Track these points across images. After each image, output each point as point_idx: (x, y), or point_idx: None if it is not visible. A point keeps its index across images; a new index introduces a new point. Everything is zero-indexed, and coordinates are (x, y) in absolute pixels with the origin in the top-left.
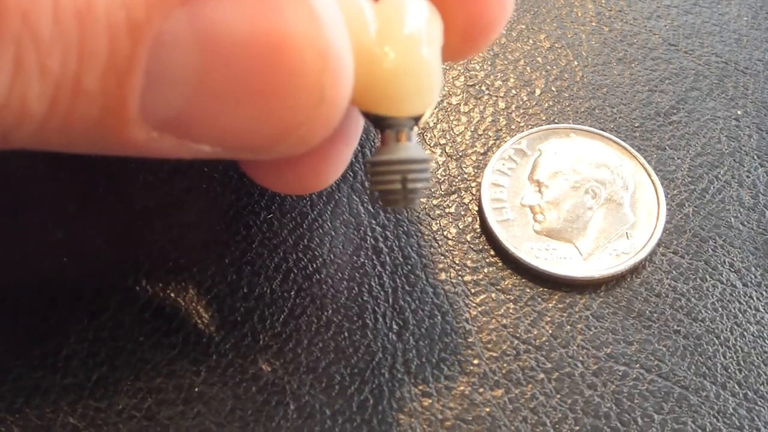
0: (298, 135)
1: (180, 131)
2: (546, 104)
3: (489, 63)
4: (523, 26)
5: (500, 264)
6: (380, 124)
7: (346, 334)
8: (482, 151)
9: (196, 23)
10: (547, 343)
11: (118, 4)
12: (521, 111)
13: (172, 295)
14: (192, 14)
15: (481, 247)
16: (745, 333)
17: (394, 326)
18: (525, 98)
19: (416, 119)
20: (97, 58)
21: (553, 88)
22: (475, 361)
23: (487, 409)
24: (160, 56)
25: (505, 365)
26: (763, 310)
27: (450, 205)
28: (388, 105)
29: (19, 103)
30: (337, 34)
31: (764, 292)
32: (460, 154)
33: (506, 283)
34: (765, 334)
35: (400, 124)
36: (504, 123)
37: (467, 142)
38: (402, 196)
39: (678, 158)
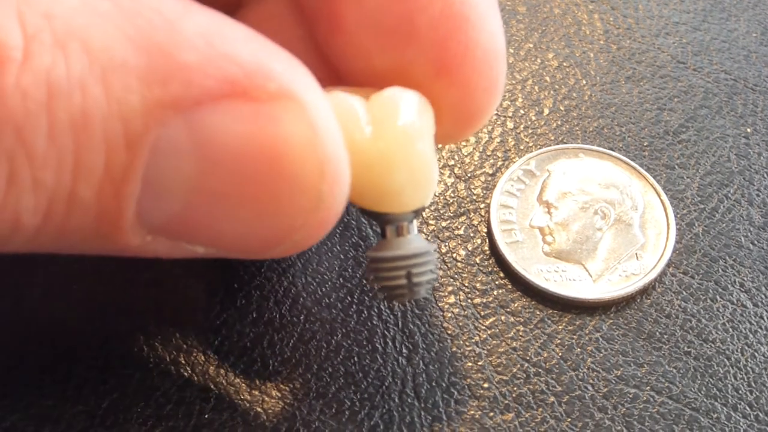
0: (294, 239)
1: (175, 234)
2: (554, 124)
3: None
4: (531, 45)
5: (510, 286)
6: (380, 219)
7: (355, 358)
8: (491, 172)
9: (193, 130)
10: (557, 366)
11: (116, 116)
12: (530, 131)
13: (181, 321)
14: (189, 121)
15: (490, 269)
16: (756, 354)
17: (404, 350)
18: (533, 118)
19: (417, 212)
20: (94, 170)
21: (561, 108)
22: (486, 385)
23: None
24: (158, 164)
25: (515, 389)
26: None
27: (459, 226)
28: (386, 202)
29: (11, 216)
30: (333, 140)
31: None
32: (469, 175)
33: (516, 305)
34: None
35: (400, 219)
36: (512, 143)
37: (476, 163)
38: (408, 290)
39: (687, 177)
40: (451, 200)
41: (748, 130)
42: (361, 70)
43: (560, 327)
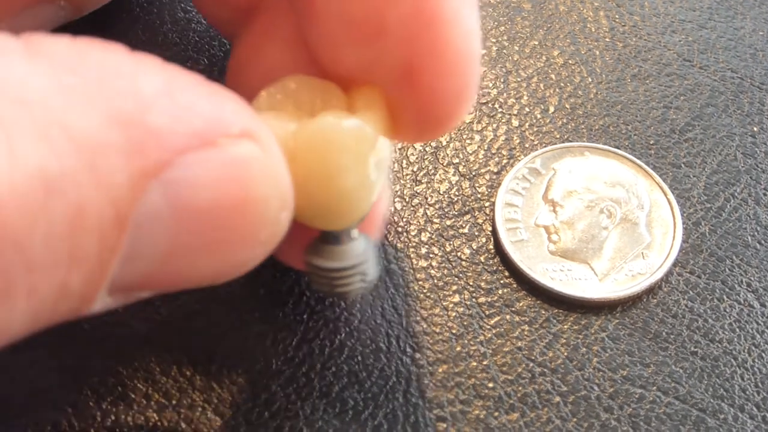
0: (252, 265)
1: (134, 289)
2: (560, 122)
3: (502, 80)
4: (536, 42)
5: (515, 285)
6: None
7: (359, 357)
8: (496, 171)
9: (168, 191)
10: (562, 366)
11: (106, 202)
12: (535, 129)
13: (182, 321)
14: (164, 183)
15: (495, 268)
16: (763, 354)
17: (408, 349)
18: (539, 116)
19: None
20: (86, 258)
21: (566, 106)
22: (490, 385)
23: None
24: (138, 234)
25: (520, 388)
26: None
27: (463, 225)
28: (321, 221)
29: (2, 325)
30: (285, 170)
31: None
32: (474, 173)
33: (521, 304)
34: None
35: (336, 233)
36: (518, 141)
37: (480, 161)
38: (331, 296)
39: (694, 176)
40: (456, 198)
41: (755, 128)
42: (332, 63)
43: (566, 326)
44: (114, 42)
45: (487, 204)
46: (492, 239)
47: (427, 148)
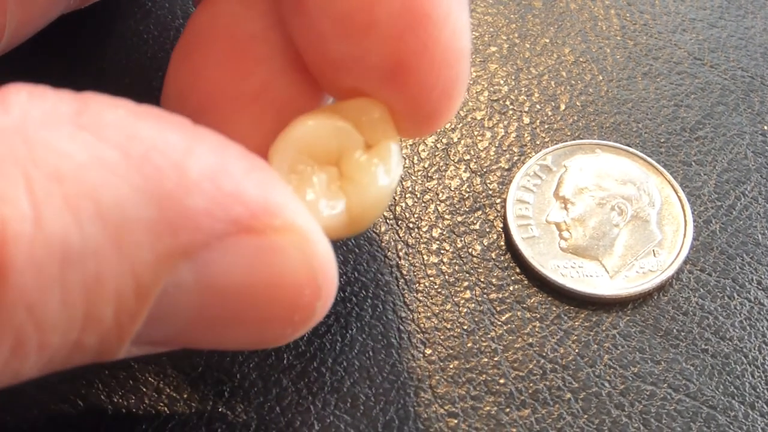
0: (283, 342)
1: (159, 346)
2: (571, 119)
3: (513, 78)
4: (547, 40)
5: (526, 282)
6: None
7: (370, 353)
8: (507, 167)
9: (200, 273)
10: (573, 363)
11: (127, 274)
12: (546, 126)
13: None
14: (196, 265)
15: (506, 264)
16: None
17: (419, 345)
18: (550, 113)
19: None
20: (102, 322)
21: (577, 103)
22: (501, 381)
23: (514, 430)
24: (162, 303)
25: (531, 385)
26: None
27: (474, 221)
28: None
29: (11, 375)
30: (330, 263)
31: None
32: (485, 170)
33: (532, 301)
34: None
35: None
36: (528, 138)
37: (492, 157)
38: None
39: (704, 174)
40: (467, 195)
41: (765, 127)
42: (319, 58)
43: (577, 323)
44: (177, 116)
45: (498, 200)
46: (503, 236)
47: (438, 145)
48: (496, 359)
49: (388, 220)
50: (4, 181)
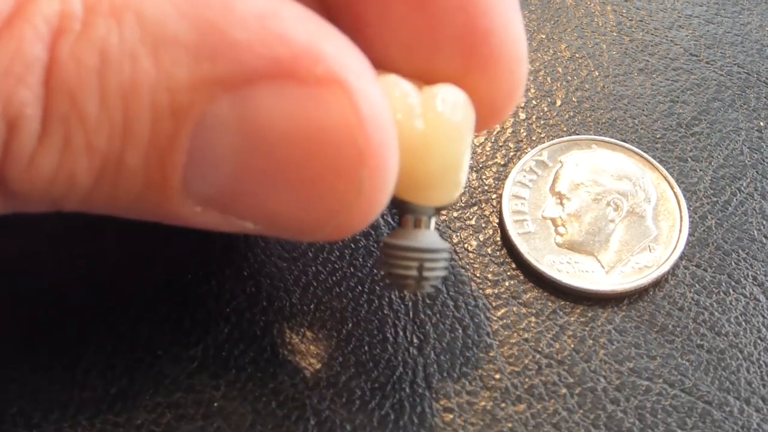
0: (335, 223)
1: (223, 207)
2: (567, 115)
3: None
4: (544, 36)
5: (522, 277)
6: (403, 208)
7: (366, 348)
8: (503, 163)
9: (240, 109)
10: (569, 358)
11: (163, 88)
12: (542, 122)
13: (191, 308)
14: (236, 100)
15: (502, 260)
16: None
17: (415, 340)
18: (546, 109)
19: (439, 209)
20: (141, 137)
21: (573, 99)
22: (497, 376)
23: (509, 425)
24: (203, 137)
25: (527, 380)
26: None
27: (471, 217)
28: (415, 192)
29: (67, 176)
30: (380, 129)
31: None
32: (481, 165)
33: (528, 296)
34: None
35: (421, 212)
36: (524, 134)
37: (488, 153)
38: (415, 282)
39: (700, 170)
40: (463, 190)
41: (761, 123)
42: (385, 66)
43: (572, 318)
44: None
45: (494, 196)
46: (499, 231)
47: (433, 218)
48: (491, 354)
49: (383, 216)
50: None
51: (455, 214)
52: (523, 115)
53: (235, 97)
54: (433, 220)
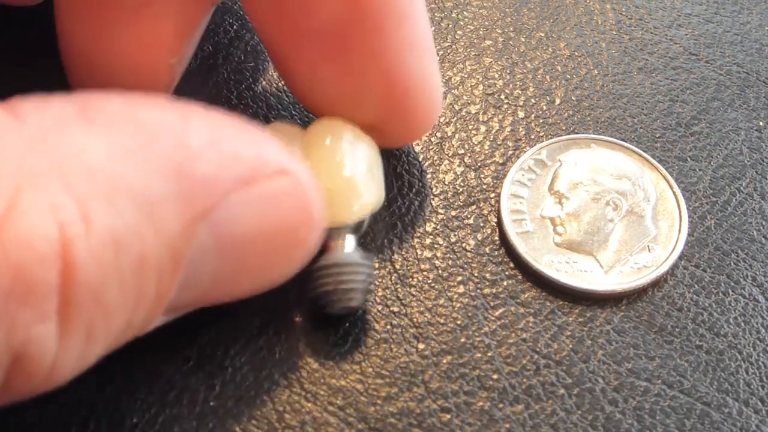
0: (283, 279)
1: (182, 308)
2: (566, 114)
3: (508, 72)
4: (543, 34)
5: (520, 277)
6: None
7: (363, 348)
8: (501, 162)
9: (215, 229)
10: (567, 358)
11: (164, 248)
12: (541, 121)
13: (187, 312)
14: (211, 224)
15: (500, 259)
16: None
17: (412, 340)
18: (545, 108)
19: (354, 227)
20: (149, 298)
21: (573, 98)
22: (495, 376)
23: (507, 425)
24: (190, 266)
25: (525, 380)
26: None
27: (468, 216)
28: (330, 213)
29: (83, 363)
30: (314, 191)
31: None
32: (479, 164)
33: (526, 296)
34: None
35: (335, 233)
36: (523, 133)
37: (486, 152)
38: (337, 298)
39: (700, 170)
40: (461, 189)
41: (761, 123)
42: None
43: (571, 318)
44: (155, 94)
45: (492, 195)
46: (497, 230)
47: (432, 139)
48: (489, 354)
49: (380, 214)
50: (49, 190)
51: (453, 213)
52: (521, 114)
53: (210, 222)
54: (351, 238)
